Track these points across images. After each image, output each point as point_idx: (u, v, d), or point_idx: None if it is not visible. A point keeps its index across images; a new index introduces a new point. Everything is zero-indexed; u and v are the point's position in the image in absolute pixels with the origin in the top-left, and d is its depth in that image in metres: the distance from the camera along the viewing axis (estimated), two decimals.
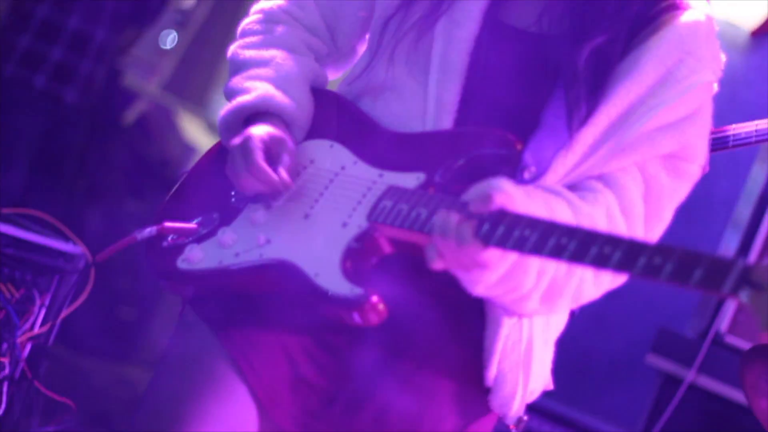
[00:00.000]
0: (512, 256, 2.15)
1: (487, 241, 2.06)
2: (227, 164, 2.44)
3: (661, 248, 1.90)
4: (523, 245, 2.02)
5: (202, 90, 6.97)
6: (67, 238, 3.73)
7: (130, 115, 6.73)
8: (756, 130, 3.25)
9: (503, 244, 2.04)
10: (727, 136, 3.21)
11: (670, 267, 1.87)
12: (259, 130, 2.41)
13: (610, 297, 2.50)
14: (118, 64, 6.29)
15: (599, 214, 2.30)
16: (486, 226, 2.06)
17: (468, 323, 2.36)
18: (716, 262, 1.84)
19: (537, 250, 2.01)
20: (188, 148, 6.76)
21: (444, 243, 2.09)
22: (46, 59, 5.66)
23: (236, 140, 2.41)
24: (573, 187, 2.35)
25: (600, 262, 1.94)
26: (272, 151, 2.40)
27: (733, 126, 3.24)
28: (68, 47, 5.69)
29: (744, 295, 1.80)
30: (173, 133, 6.88)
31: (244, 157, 2.37)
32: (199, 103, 7.14)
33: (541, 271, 2.23)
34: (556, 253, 1.99)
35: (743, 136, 3.32)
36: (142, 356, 6.04)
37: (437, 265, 2.11)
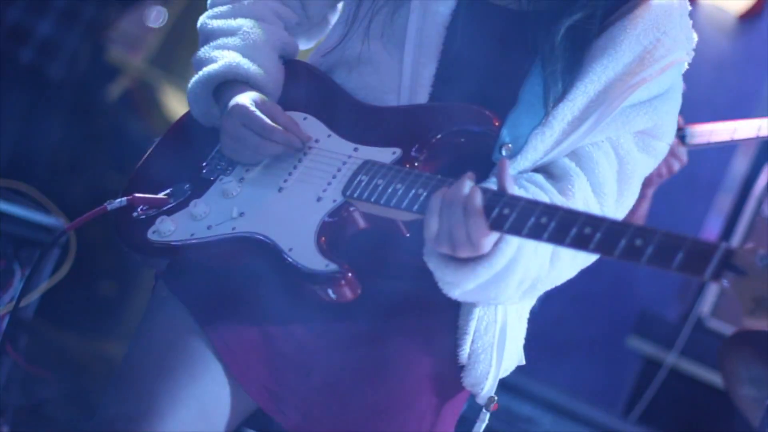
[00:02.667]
0: (497, 267, 2.16)
1: (498, 225, 2.06)
2: (224, 144, 2.42)
3: (642, 230, 1.89)
4: (503, 224, 2.04)
5: (188, 65, 6.95)
6: (49, 212, 3.72)
7: (115, 90, 6.71)
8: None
9: (500, 226, 2.06)
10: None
11: (651, 249, 1.87)
12: (244, 98, 2.39)
13: (592, 278, 2.51)
14: (103, 39, 6.26)
15: (577, 206, 2.30)
16: (497, 210, 2.06)
17: (443, 301, 2.34)
18: (698, 245, 1.84)
19: (515, 230, 2.02)
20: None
21: (449, 210, 2.09)
22: (34, 34, 5.63)
23: (228, 118, 2.39)
24: (549, 168, 2.35)
25: (580, 243, 1.95)
26: (262, 111, 2.39)
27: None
28: (56, 22, 5.66)
29: (726, 280, 1.79)
30: (158, 108, 6.86)
31: (249, 126, 2.35)
32: (184, 78, 7.11)
33: (522, 279, 2.24)
34: (536, 234, 1.99)
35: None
36: (122, 332, 6.02)
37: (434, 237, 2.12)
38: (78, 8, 5.71)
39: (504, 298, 2.26)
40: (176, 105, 6.84)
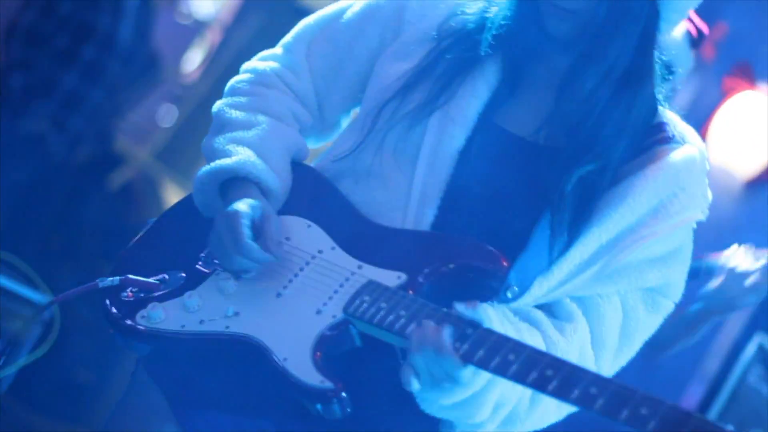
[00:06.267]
0: (476, 386, 2.14)
1: (467, 359, 2.06)
2: (211, 241, 2.39)
3: (648, 400, 1.88)
4: (506, 371, 2.02)
5: (192, 163, 6.97)
6: (36, 287, 3.69)
7: (116, 179, 6.71)
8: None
9: (484, 365, 2.04)
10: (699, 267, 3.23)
11: (653, 424, 1.85)
12: (242, 205, 2.36)
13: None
14: (111, 127, 6.29)
15: (572, 351, 2.28)
16: (466, 346, 2.06)
17: (423, 416, 2.30)
18: (703, 425, 1.82)
19: (518, 378, 2.01)
20: None
21: (422, 356, 2.08)
22: (43, 111, 5.64)
23: (220, 218, 2.37)
24: (551, 306, 2.33)
25: (584, 403, 1.93)
26: (256, 223, 2.36)
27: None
28: (63, 103, 5.67)
29: None
30: (157, 203, 6.87)
31: (232, 236, 2.33)
32: (187, 176, 7.14)
33: (499, 404, 2.21)
34: (540, 386, 1.98)
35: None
36: (94, 419, 5.96)
37: (412, 384, 2.10)
38: (87, 93, 5.73)
39: (480, 418, 2.22)
40: (175, 201, 6.86)
